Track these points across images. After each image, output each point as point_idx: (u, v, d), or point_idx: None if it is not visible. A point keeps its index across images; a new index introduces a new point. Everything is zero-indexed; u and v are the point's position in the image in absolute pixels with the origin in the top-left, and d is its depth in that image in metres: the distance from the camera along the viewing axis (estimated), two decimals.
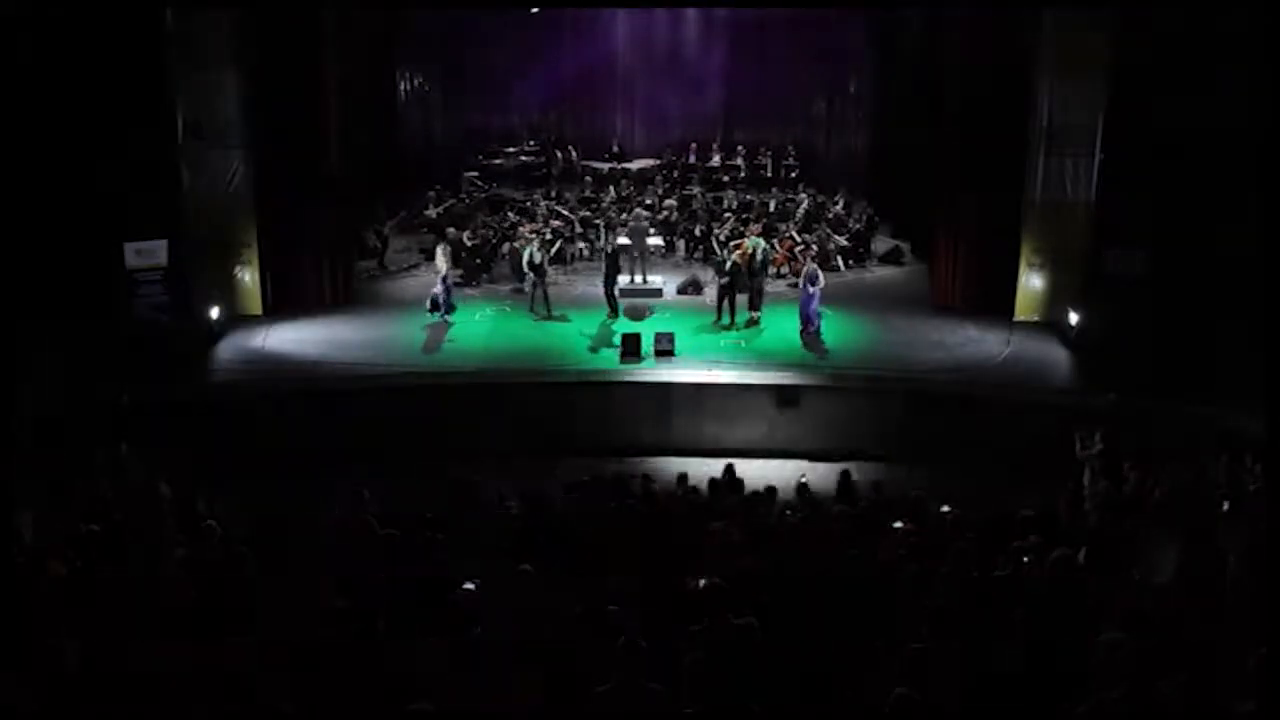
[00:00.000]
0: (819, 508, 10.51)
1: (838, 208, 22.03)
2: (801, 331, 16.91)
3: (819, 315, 17.00)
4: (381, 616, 6.68)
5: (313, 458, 13.39)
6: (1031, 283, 17.61)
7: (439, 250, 17.83)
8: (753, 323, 17.31)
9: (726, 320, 17.29)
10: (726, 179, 24.40)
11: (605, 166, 25.21)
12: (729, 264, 17.19)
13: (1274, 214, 13.55)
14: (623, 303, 18.09)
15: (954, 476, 12.30)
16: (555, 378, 15.80)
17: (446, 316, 17.54)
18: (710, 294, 18.15)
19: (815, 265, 17.31)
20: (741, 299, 17.43)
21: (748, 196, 23.26)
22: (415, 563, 8.00)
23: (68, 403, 13.61)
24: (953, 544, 8.42)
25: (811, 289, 16.81)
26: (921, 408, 15.09)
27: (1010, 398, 15.12)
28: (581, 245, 20.74)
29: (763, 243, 17.88)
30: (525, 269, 17.73)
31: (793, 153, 25.36)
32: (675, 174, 24.85)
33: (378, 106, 22.87)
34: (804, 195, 22.48)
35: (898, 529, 9.54)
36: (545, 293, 17.69)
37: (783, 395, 15.22)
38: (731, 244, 18.99)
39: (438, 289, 17.49)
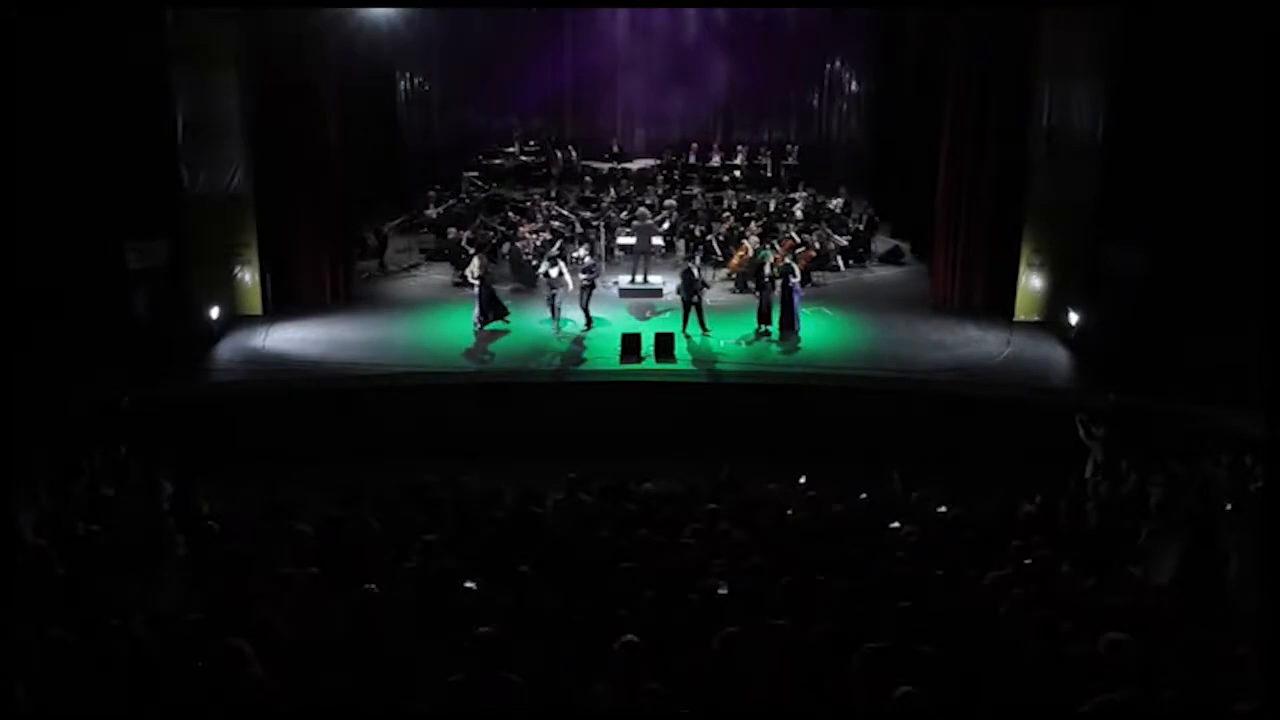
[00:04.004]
0: (820, 508, 10.49)
1: (835, 204, 22.02)
2: (782, 329, 16.96)
3: (798, 315, 17.06)
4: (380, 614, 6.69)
5: (312, 457, 13.39)
6: (1031, 283, 17.61)
7: (475, 260, 17.35)
8: (763, 334, 17.09)
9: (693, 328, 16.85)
10: (726, 179, 24.41)
11: (605, 166, 25.21)
12: (698, 270, 17.04)
13: (1275, 214, 13.57)
14: (624, 302, 18.08)
15: (954, 476, 12.27)
16: (555, 378, 15.81)
17: (503, 319, 17.21)
18: (710, 295, 18.10)
19: (795, 266, 17.40)
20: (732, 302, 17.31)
21: (748, 196, 23.26)
22: (413, 561, 8.01)
23: (68, 403, 13.60)
24: (952, 544, 8.43)
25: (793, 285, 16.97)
26: (922, 408, 15.09)
27: (1010, 398, 15.13)
28: (588, 236, 20.49)
29: (770, 253, 17.76)
30: (548, 285, 17.19)
31: (793, 153, 25.38)
32: (675, 174, 24.85)
33: (378, 106, 22.91)
34: (801, 195, 22.46)
35: (897, 529, 9.53)
36: (556, 305, 17.13)
37: None
38: (732, 247, 19.03)
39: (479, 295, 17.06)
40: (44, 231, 15.58)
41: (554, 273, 17.05)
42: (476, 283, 17.12)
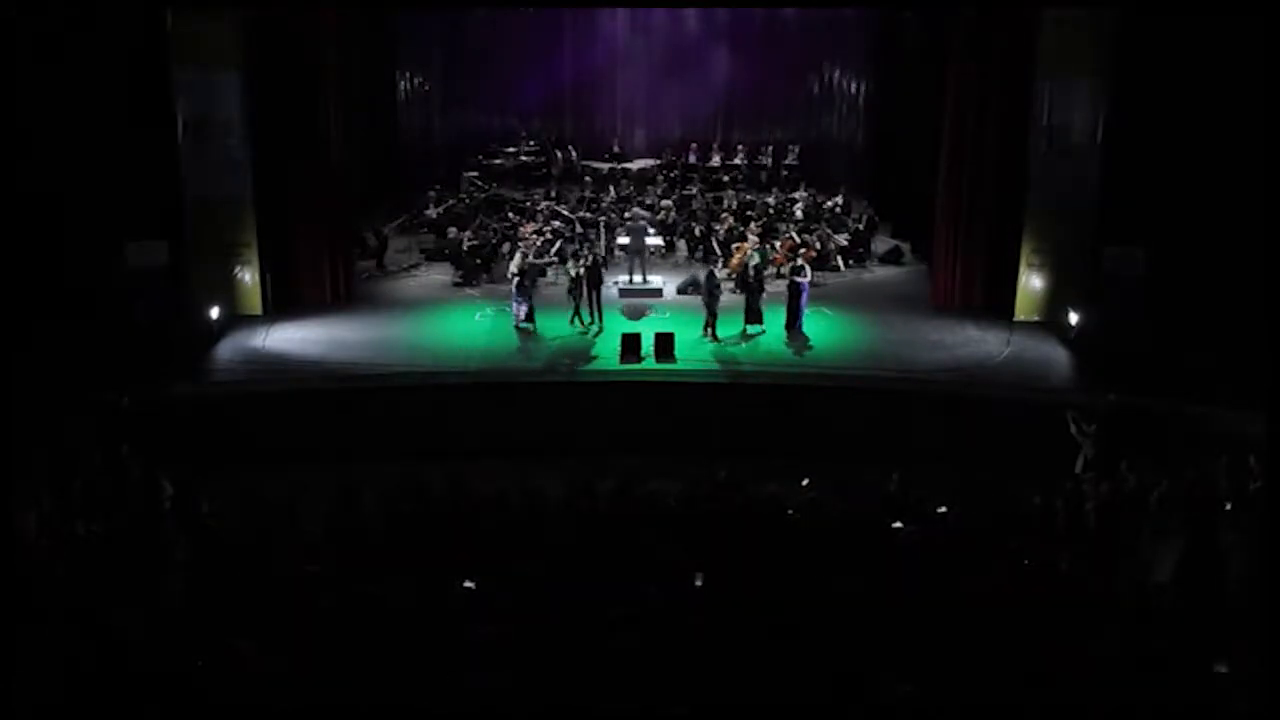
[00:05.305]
0: (820, 508, 10.50)
1: (836, 202, 22.00)
2: (788, 329, 16.96)
3: (803, 313, 17.06)
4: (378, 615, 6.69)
5: (312, 458, 13.39)
6: (1031, 283, 17.60)
7: (518, 255, 17.36)
8: (748, 337, 16.99)
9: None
10: (726, 179, 24.41)
11: (605, 166, 25.21)
12: (718, 271, 17.05)
13: (1274, 214, 13.59)
14: (622, 303, 18.06)
15: (954, 476, 12.28)
16: (555, 378, 15.82)
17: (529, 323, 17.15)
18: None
19: (805, 265, 17.42)
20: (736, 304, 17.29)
21: (748, 196, 23.26)
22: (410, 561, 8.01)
23: (68, 403, 13.60)
24: (952, 544, 8.43)
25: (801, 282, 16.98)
26: (922, 408, 15.09)
27: (1010, 398, 15.12)
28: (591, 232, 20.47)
29: (758, 257, 17.68)
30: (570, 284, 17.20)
31: (793, 152, 25.38)
32: (675, 174, 24.85)
33: (378, 106, 22.91)
34: (801, 195, 22.45)
35: (898, 529, 9.54)
36: (589, 299, 17.15)
37: None
38: (733, 246, 19.00)
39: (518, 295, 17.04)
40: (44, 231, 15.60)
41: (581, 270, 17.08)
42: (516, 279, 17.04)
